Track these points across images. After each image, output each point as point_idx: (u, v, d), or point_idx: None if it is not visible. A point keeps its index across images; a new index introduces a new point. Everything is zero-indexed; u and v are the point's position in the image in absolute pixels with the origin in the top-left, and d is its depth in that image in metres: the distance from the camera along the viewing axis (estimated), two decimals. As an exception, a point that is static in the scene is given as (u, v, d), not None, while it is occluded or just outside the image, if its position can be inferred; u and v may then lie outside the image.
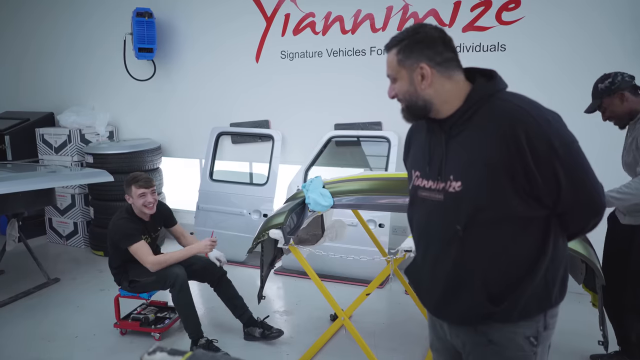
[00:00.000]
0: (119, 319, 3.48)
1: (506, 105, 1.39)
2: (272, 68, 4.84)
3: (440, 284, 1.51)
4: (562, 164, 1.33)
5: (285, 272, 4.48)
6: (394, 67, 1.47)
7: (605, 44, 3.75)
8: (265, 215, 4.69)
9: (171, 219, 3.52)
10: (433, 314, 1.63)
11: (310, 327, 3.56)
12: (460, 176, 1.40)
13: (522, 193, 1.36)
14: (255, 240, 2.81)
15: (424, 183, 1.51)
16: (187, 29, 5.18)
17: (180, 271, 3.08)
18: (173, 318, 3.49)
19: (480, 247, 1.42)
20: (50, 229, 5.55)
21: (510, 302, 1.41)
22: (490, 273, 1.43)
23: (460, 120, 1.43)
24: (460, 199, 1.40)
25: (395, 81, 1.49)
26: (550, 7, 3.87)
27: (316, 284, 2.82)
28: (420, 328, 3.47)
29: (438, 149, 1.47)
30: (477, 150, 1.38)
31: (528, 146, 1.31)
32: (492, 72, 1.47)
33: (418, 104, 1.46)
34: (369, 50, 4.45)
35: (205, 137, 5.11)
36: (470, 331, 1.51)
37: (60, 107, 5.72)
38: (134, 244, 3.14)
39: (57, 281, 4.38)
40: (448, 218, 1.43)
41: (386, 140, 4.41)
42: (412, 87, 1.45)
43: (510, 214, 1.38)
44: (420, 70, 1.43)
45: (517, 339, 1.46)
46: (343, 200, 2.86)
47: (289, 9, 4.67)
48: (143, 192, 3.22)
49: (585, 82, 3.76)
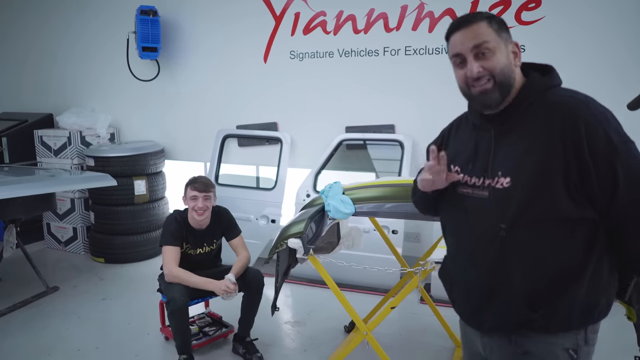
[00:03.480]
0: (164, 325, 3.37)
1: (563, 99, 1.33)
2: (281, 69, 4.69)
3: (477, 287, 1.43)
4: (620, 161, 1.25)
5: (293, 280, 4.31)
6: (492, 37, 1.34)
7: (633, 41, 3.62)
8: (274, 221, 4.54)
9: (231, 230, 3.26)
10: (467, 321, 1.53)
11: (325, 339, 3.40)
12: (510, 172, 1.33)
13: (572, 190, 1.27)
14: (272, 249, 2.65)
15: (466, 179, 1.43)
16: (193, 28, 5.02)
17: (179, 296, 2.89)
18: (213, 335, 3.33)
19: (523, 248, 1.33)
20: (48, 234, 5.36)
21: (550, 309, 1.32)
22: (530, 277, 1.34)
23: (514, 115, 1.36)
24: (508, 195, 1.33)
25: (491, 54, 1.34)
26: (573, 6, 3.74)
27: (337, 296, 2.65)
28: (439, 339, 3.34)
29: (485, 144, 1.40)
30: (530, 145, 1.31)
31: (587, 137, 1.25)
32: (549, 67, 1.41)
33: (510, 82, 1.37)
34: (382, 51, 4.30)
35: (211, 139, 4.94)
36: (505, 342, 1.41)
37: (60, 108, 5.55)
38: (165, 246, 3.05)
39: (57, 290, 4.20)
40: (492, 216, 1.36)
41: (399, 143, 4.27)
42: (508, 61, 1.36)
43: (557, 215, 1.29)
44: (513, 47, 1.36)
45: (556, 351, 1.36)
46: (364, 207, 2.70)
47: (299, 8, 4.52)
48: (195, 195, 3.06)
49: (612, 83, 3.67)
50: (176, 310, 2.90)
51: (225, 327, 3.43)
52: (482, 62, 1.34)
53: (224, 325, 3.45)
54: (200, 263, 3.20)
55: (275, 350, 3.27)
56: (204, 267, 3.20)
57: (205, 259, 3.25)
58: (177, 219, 3.13)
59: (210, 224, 3.18)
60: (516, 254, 1.34)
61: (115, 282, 4.43)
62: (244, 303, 3.18)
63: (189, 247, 3.16)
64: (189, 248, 3.16)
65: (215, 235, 3.25)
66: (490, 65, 1.34)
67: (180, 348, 2.98)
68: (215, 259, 3.38)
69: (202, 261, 3.22)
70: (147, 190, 4.92)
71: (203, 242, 3.20)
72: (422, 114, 4.21)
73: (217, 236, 3.27)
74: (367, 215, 2.82)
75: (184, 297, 2.92)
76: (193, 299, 3.09)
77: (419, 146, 4.18)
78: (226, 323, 3.46)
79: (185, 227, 3.13)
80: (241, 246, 3.24)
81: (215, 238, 3.26)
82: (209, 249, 3.24)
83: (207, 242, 3.21)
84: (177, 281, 2.97)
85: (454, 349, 3.24)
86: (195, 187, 3.07)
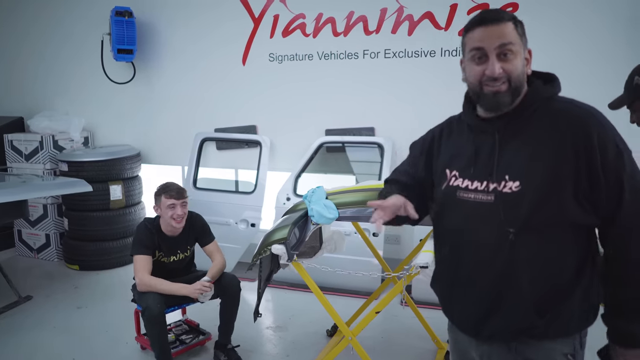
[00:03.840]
0: (139, 334, 3.29)
1: (570, 107, 1.35)
2: (260, 71, 4.65)
3: (479, 295, 1.41)
4: (625, 170, 1.29)
5: (274, 285, 4.27)
6: (517, 40, 1.33)
7: (605, 46, 3.71)
8: (253, 225, 4.49)
9: (204, 236, 3.22)
10: (464, 330, 1.50)
11: (308, 343, 3.38)
12: (519, 176, 1.32)
13: (581, 197, 1.29)
14: (255, 256, 2.61)
15: (466, 183, 1.40)
16: (170, 29, 4.94)
17: (154, 305, 2.83)
18: (190, 343, 3.26)
19: (531, 252, 1.33)
20: (19, 241, 5.20)
21: (554, 314, 1.33)
22: (538, 281, 1.34)
23: (518, 120, 1.36)
24: (517, 199, 1.31)
25: (513, 56, 1.33)
26: (549, 11, 3.81)
27: (321, 301, 2.64)
28: (421, 342, 3.35)
29: (487, 147, 1.38)
30: (535, 150, 1.32)
31: (599, 146, 1.27)
32: (553, 76, 1.42)
33: (522, 88, 1.37)
34: (362, 54, 4.31)
35: (188, 143, 4.87)
36: (504, 350, 1.41)
37: (31, 111, 5.39)
38: (136, 255, 2.99)
39: (30, 299, 4.07)
40: (499, 220, 1.33)
41: (379, 146, 4.28)
42: (523, 67, 1.36)
43: (564, 219, 1.31)
44: (527, 54, 1.38)
45: (555, 356, 1.37)
46: (347, 212, 2.69)
47: (278, 10, 4.49)
48: (173, 203, 3.00)
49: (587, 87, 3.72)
50: (152, 319, 2.84)
51: (202, 334, 3.38)
52: (503, 63, 1.33)
53: (201, 333, 3.39)
54: (175, 271, 3.16)
55: (258, 357, 3.24)
56: (178, 274, 3.16)
57: (180, 266, 3.20)
58: (148, 227, 3.07)
59: (184, 230, 3.13)
60: (525, 258, 1.33)
61: (91, 290, 4.32)
62: (222, 309, 3.13)
63: (162, 255, 3.11)
64: (162, 256, 3.11)
65: (189, 241, 3.21)
66: (510, 68, 1.33)
67: (160, 358, 2.92)
68: (190, 266, 3.33)
69: (176, 269, 3.17)
70: (124, 195, 4.81)
71: (177, 249, 3.15)
72: (402, 117, 4.23)
73: (191, 242, 3.23)
74: (350, 220, 2.80)
75: (160, 304, 2.86)
76: (169, 307, 3.03)
77: (399, 148, 4.19)
78: (203, 330, 3.41)
79: (158, 234, 3.08)
80: (216, 251, 3.20)
81: (189, 244, 3.22)
82: (183, 255, 3.19)
83: (180, 249, 3.17)
84: (149, 289, 2.92)
85: (436, 351, 3.25)
86: (171, 195, 3.02)
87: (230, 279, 3.12)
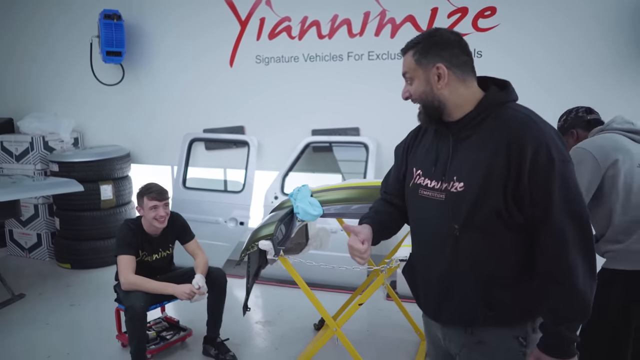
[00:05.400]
0: (120, 331, 3.36)
1: (516, 115, 1.43)
2: (247, 73, 4.75)
3: (435, 284, 1.56)
4: (557, 177, 1.34)
5: (263, 281, 4.39)
6: (411, 67, 1.51)
7: (578, 52, 3.87)
8: (242, 223, 4.60)
9: (185, 234, 3.33)
10: (429, 315, 1.66)
11: (296, 337, 3.50)
12: (464, 177, 1.44)
13: (511, 200, 1.38)
14: (243, 251, 2.72)
15: (427, 182, 1.55)
16: (158, 32, 5.02)
17: (138, 303, 2.91)
18: (171, 340, 3.35)
19: (473, 247, 1.45)
20: (11, 240, 5.25)
21: (502, 306, 1.45)
22: (482, 275, 1.46)
23: (470, 125, 1.47)
24: (461, 198, 1.44)
25: (411, 82, 1.52)
26: (525, 15, 3.95)
27: (307, 294, 2.76)
28: (405, 334, 3.48)
29: (445, 150, 1.52)
30: (482, 154, 1.42)
31: (531, 154, 1.34)
32: (507, 83, 1.52)
33: (434, 104, 1.50)
34: (346, 56, 4.43)
35: (177, 143, 4.95)
36: (461, 332, 1.54)
37: (20, 112, 5.43)
38: (120, 255, 3.05)
39: (22, 297, 4.14)
40: (447, 217, 1.47)
41: (364, 145, 4.40)
42: (428, 87, 1.49)
43: (500, 219, 1.41)
44: (437, 70, 1.47)
45: (507, 340, 1.49)
46: (332, 209, 2.81)
47: (264, 13, 4.59)
48: (155, 204, 3.09)
49: (560, 90, 3.91)
50: (134, 317, 2.91)
51: (183, 330, 3.46)
52: (408, 87, 1.54)
53: (182, 329, 3.47)
54: (158, 268, 3.25)
55: (247, 350, 3.34)
56: (161, 272, 3.25)
57: (162, 264, 3.30)
58: (130, 227, 3.14)
59: (165, 229, 3.22)
60: (468, 253, 1.45)
61: (83, 288, 4.40)
62: (209, 303, 3.23)
63: (146, 254, 3.19)
64: (146, 255, 3.19)
65: (170, 239, 3.31)
66: (412, 91, 1.53)
67: (135, 354, 2.97)
68: (170, 263, 3.42)
69: (159, 267, 3.27)
70: (114, 195, 4.89)
71: (159, 247, 3.25)
72: (386, 117, 4.35)
73: (172, 240, 3.33)
74: (334, 216, 2.92)
75: (144, 303, 2.94)
76: (152, 305, 3.11)
77: (383, 148, 4.32)
78: (184, 327, 3.49)
79: (141, 234, 3.16)
80: (197, 248, 3.32)
81: (170, 242, 3.32)
82: (165, 253, 3.29)
83: (162, 247, 3.26)
84: (134, 288, 2.98)
85: (420, 342, 3.39)
86: (154, 196, 3.10)
87: (217, 272, 3.23)
